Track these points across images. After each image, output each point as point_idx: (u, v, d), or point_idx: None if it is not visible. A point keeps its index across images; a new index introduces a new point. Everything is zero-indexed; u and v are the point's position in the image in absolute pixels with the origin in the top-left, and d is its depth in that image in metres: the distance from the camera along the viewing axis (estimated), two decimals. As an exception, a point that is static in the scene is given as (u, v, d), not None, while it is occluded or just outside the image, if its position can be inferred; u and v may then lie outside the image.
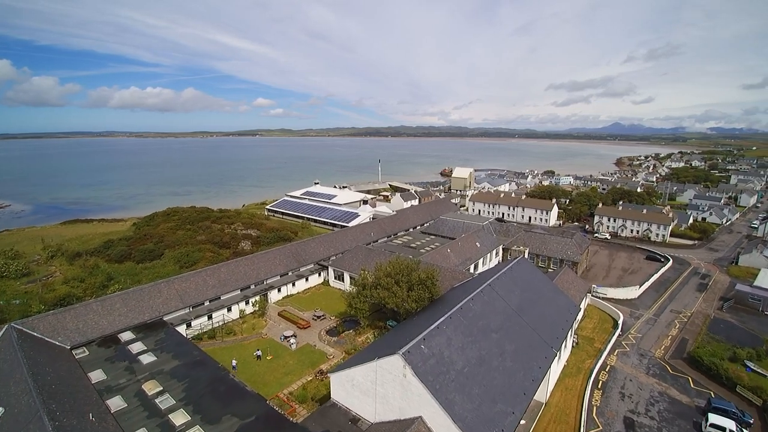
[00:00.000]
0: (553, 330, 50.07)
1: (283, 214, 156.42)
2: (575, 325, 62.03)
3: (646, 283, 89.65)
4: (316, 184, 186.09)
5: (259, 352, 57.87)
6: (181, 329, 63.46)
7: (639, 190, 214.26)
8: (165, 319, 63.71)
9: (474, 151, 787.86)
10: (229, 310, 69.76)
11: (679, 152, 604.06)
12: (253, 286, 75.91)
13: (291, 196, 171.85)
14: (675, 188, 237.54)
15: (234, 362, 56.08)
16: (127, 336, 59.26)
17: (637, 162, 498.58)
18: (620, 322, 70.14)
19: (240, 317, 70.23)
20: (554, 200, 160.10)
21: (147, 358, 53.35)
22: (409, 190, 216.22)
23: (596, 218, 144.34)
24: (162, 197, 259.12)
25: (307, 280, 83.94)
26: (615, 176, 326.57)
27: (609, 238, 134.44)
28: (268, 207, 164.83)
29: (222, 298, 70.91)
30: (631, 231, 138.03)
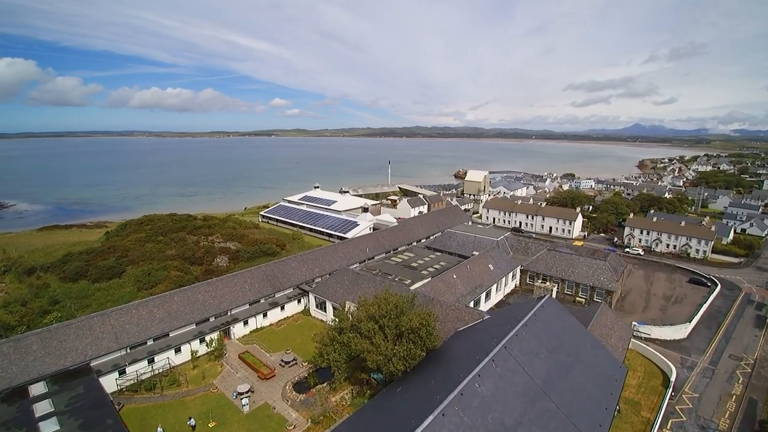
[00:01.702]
0: (594, 413, 35.24)
1: (277, 221, 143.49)
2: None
3: (696, 317, 73.53)
4: (316, 188, 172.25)
5: (193, 422, 44.21)
6: (111, 378, 50.58)
7: (667, 195, 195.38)
8: (93, 364, 50.92)
9: (490, 152, 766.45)
10: (178, 351, 56.33)
11: (705, 155, 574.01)
12: (212, 319, 62.30)
13: (288, 201, 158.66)
14: (706, 194, 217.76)
15: (160, 430, 42.72)
16: (37, 389, 46.72)
17: (661, 165, 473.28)
18: (672, 378, 54.17)
19: (191, 359, 56.73)
20: (578, 209, 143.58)
21: (49, 427, 40.75)
22: (418, 194, 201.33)
23: (627, 230, 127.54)
24: (166, 198, 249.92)
25: (283, 308, 69.91)
26: (639, 180, 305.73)
27: (642, 254, 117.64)
28: (262, 213, 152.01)
29: (171, 335, 57.63)
30: (667, 246, 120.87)
